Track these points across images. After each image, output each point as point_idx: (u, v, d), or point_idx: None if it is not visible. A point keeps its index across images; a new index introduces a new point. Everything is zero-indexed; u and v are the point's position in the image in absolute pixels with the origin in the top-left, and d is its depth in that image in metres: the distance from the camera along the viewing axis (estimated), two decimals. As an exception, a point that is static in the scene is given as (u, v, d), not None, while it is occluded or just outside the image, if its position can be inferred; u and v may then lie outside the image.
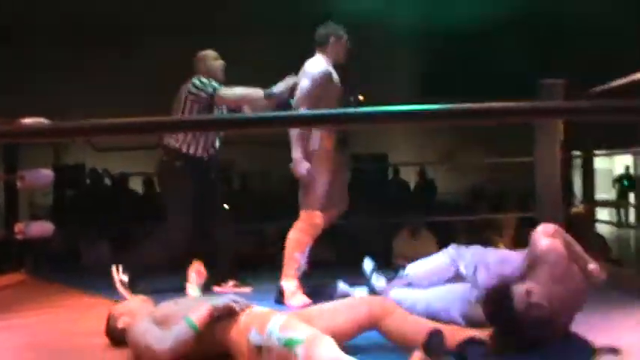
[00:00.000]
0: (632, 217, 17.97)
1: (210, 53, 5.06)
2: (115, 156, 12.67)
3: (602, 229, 9.45)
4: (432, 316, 3.31)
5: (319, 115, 2.81)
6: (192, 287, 4.09)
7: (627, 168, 17.90)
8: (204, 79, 4.80)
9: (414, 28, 12.68)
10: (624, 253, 11.56)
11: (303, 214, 4.40)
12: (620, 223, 17.46)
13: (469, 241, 7.71)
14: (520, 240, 6.28)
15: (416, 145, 14.06)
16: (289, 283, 4.34)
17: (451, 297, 3.52)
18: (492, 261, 3.53)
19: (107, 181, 9.79)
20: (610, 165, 19.55)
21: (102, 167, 10.41)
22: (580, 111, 1.94)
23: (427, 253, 6.64)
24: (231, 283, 4.90)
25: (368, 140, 12.20)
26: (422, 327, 2.86)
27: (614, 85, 4.60)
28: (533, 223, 5.41)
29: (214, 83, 4.79)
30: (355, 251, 6.39)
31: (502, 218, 7.60)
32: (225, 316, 2.85)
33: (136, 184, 10.06)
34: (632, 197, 17.92)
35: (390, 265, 6.50)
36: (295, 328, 2.61)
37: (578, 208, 5.53)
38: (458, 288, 3.57)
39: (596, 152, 5.33)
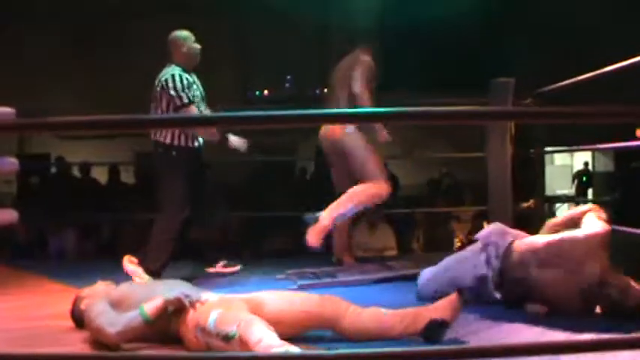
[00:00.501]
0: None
1: (190, 36, 4.89)
2: (80, 145, 12.76)
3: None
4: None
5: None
6: (140, 276, 4.29)
7: (586, 164, 18.13)
8: (181, 80, 4.72)
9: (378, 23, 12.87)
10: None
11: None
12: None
13: (427, 232, 7.95)
14: (476, 230, 6.49)
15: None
16: (325, 221, 4.59)
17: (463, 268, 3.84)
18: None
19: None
20: (570, 161, 19.88)
21: (67, 156, 10.47)
22: (506, 116, 2.12)
23: (385, 246, 6.89)
24: (221, 263, 5.04)
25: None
26: (380, 317, 3.07)
27: (559, 85, 4.84)
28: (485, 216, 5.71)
29: (188, 94, 4.71)
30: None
31: (461, 210, 7.81)
32: (178, 308, 3.02)
33: (101, 174, 10.07)
34: (590, 193, 18.20)
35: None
36: (229, 323, 2.80)
37: (528, 202, 5.75)
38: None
39: (547, 149, 5.52)
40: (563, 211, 14.91)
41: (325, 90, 5.85)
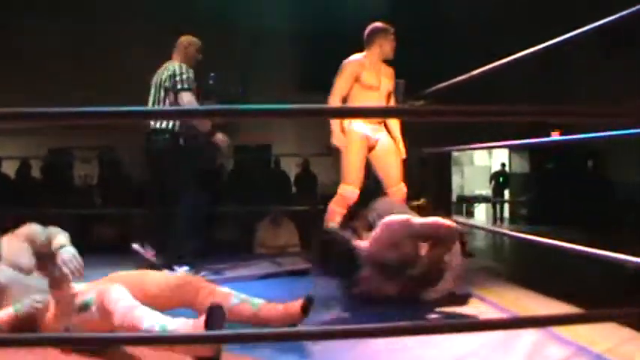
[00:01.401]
0: (507, 213, 18.82)
1: (191, 39, 5.26)
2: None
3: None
4: None
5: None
6: None
7: (503, 165, 18.60)
8: (184, 69, 5.01)
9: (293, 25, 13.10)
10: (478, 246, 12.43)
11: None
12: (494, 219, 18.36)
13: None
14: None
15: (300, 138, 14.39)
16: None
17: None
18: None
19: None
20: (489, 162, 20.39)
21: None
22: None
23: (287, 242, 7.01)
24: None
25: (255, 132, 12.56)
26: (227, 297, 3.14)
27: (448, 84, 5.04)
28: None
29: (184, 83, 4.97)
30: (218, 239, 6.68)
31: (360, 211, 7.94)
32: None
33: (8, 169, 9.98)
34: (507, 193, 18.70)
35: (251, 252, 6.84)
36: (87, 294, 2.84)
37: (420, 201, 5.93)
38: None
39: (450, 148, 5.71)
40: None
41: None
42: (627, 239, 10.38)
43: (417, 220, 3.91)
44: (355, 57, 5.01)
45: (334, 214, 4.82)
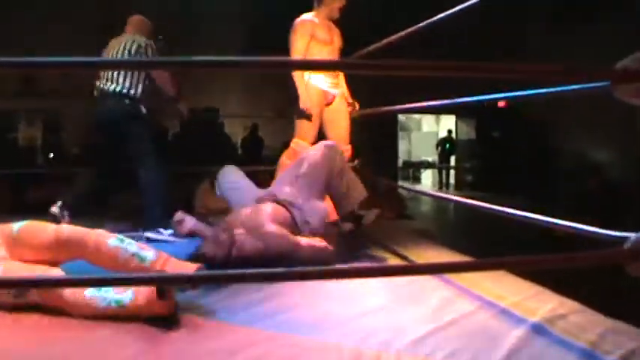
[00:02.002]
0: (452, 180, 19.14)
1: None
2: None
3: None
4: None
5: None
6: None
7: (450, 132, 18.85)
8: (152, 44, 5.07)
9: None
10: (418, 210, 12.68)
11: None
12: (440, 185, 18.65)
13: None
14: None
15: (247, 100, 14.41)
16: None
17: None
18: None
19: None
20: (436, 129, 20.65)
21: None
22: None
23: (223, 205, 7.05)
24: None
25: (202, 94, 12.52)
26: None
27: (373, 48, 5.12)
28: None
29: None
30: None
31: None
32: None
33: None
34: (453, 160, 18.98)
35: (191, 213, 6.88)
36: None
37: (354, 163, 6.01)
38: None
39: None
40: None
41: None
42: (565, 207, 10.70)
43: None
44: (306, 16, 5.14)
45: (284, 167, 4.92)
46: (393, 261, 4.01)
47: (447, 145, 18.69)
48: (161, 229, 4.78)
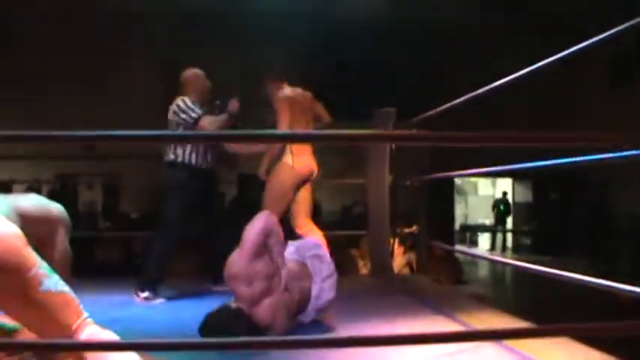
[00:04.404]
0: (510, 243, 18.85)
1: (202, 73, 5.27)
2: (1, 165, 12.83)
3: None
4: None
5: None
6: None
7: (504, 193, 18.69)
8: (188, 103, 5.04)
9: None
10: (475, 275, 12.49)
11: None
12: (493, 247, 18.36)
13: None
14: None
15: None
16: None
17: None
18: None
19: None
20: (492, 192, 20.47)
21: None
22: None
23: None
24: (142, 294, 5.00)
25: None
26: None
27: (431, 113, 5.12)
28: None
29: (197, 110, 5.02)
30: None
31: (361, 236, 8.04)
32: None
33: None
34: (510, 222, 18.73)
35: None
36: None
37: (411, 227, 6.03)
38: None
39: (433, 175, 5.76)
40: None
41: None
42: (628, 270, 10.44)
43: None
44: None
45: None
46: (452, 327, 3.94)
47: (502, 207, 18.49)
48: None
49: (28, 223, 2.47)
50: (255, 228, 3.62)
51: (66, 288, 2.32)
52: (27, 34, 13.17)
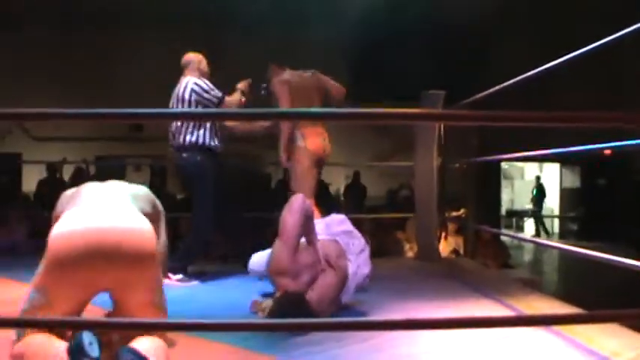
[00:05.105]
0: (556, 228, 18.67)
1: (201, 56, 5.33)
2: (52, 146, 13.06)
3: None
4: None
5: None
6: None
7: (538, 178, 18.58)
8: (208, 83, 5.11)
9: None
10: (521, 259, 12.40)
11: None
12: (537, 232, 18.14)
13: (376, 240, 8.18)
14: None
15: (349, 148, 14.51)
16: None
17: None
18: None
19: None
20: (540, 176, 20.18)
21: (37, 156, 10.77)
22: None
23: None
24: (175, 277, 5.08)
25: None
26: None
27: (480, 96, 5.09)
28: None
29: (217, 91, 5.10)
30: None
31: (407, 219, 8.04)
32: None
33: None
34: (554, 207, 18.51)
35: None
36: None
37: (459, 211, 6.01)
38: None
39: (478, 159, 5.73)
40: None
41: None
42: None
43: None
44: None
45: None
46: (501, 311, 3.94)
47: (534, 192, 18.27)
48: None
49: (144, 215, 2.74)
50: (292, 218, 3.68)
51: None
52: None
